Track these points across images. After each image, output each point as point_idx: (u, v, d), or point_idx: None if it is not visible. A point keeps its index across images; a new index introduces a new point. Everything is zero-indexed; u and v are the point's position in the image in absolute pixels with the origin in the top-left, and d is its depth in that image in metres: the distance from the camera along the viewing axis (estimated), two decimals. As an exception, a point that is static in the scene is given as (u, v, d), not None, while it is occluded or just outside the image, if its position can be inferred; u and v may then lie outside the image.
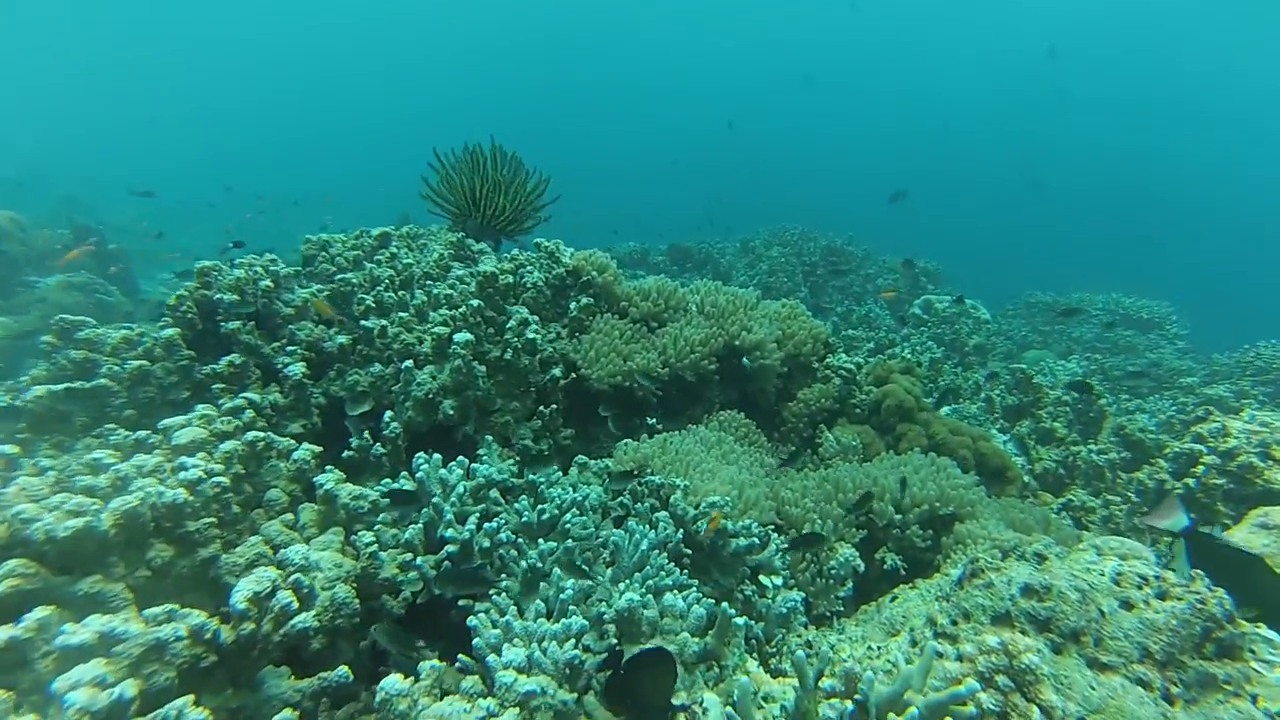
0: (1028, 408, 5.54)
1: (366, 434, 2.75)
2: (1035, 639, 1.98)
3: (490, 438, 2.82)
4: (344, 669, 1.46)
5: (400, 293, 3.48)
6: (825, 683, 1.88)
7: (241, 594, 1.36)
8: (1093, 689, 1.85)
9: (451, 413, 2.90)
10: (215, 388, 2.78)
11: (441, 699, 1.39)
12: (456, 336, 2.90)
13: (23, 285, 7.61)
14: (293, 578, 1.55)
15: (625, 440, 3.47)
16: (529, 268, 3.91)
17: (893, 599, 2.62)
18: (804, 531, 3.15)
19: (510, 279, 3.25)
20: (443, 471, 2.48)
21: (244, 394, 2.76)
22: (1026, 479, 4.25)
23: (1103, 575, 2.13)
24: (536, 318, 3.66)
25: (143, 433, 2.13)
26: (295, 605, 1.43)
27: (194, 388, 2.87)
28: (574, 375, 3.56)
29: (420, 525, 2.31)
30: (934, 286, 11.79)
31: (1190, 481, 3.74)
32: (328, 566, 1.79)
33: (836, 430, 3.96)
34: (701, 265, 12.61)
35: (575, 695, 1.77)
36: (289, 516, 1.97)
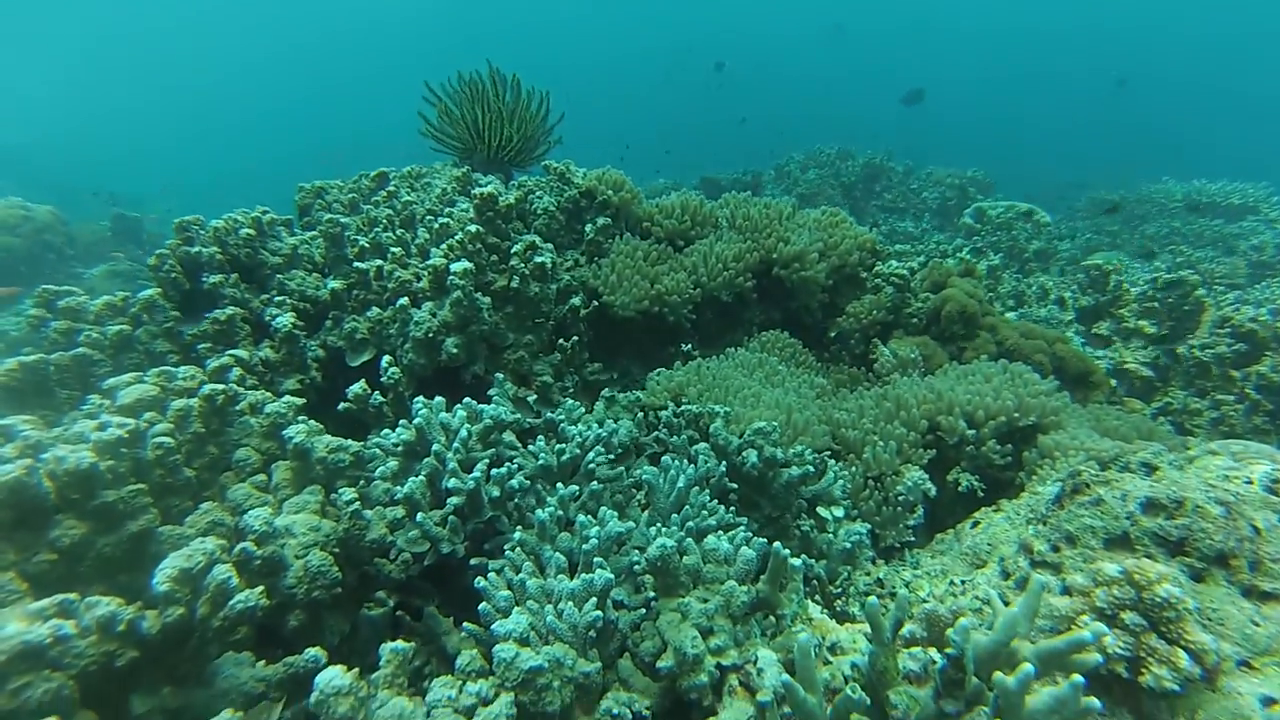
0: (1105, 308, 4.99)
1: (363, 382, 2.47)
2: (1169, 565, 1.60)
3: (502, 376, 2.51)
4: (315, 651, 1.20)
5: (400, 231, 3.15)
6: (905, 628, 1.55)
7: (165, 573, 1.09)
8: (1256, 624, 1.47)
9: (456, 351, 2.59)
10: (201, 348, 2.53)
11: (419, 686, 1.11)
12: (453, 266, 2.58)
13: (70, 277, 7.66)
14: (241, 548, 1.28)
15: (659, 369, 3.13)
16: (539, 193, 3.55)
17: (974, 524, 2.26)
18: (864, 455, 2.79)
19: (512, 200, 2.89)
20: (444, 415, 2.18)
21: (231, 351, 2.50)
22: (1113, 384, 3.79)
23: (1249, 483, 1.72)
24: (550, 245, 3.31)
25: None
26: (234, 582, 1.16)
27: (182, 350, 2.63)
28: (596, 304, 3.22)
29: (422, 478, 2.02)
30: (983, 196, 11.00)
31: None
32: (301, 531, 1.52)
33: (893, 343, 3.54)
34: (736, 195, 12.02)
35: (599, 664, 1.47)
36: (261, 478, 1.70)
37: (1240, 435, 3.53)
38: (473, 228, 2.69)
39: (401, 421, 2.19)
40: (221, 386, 1.76)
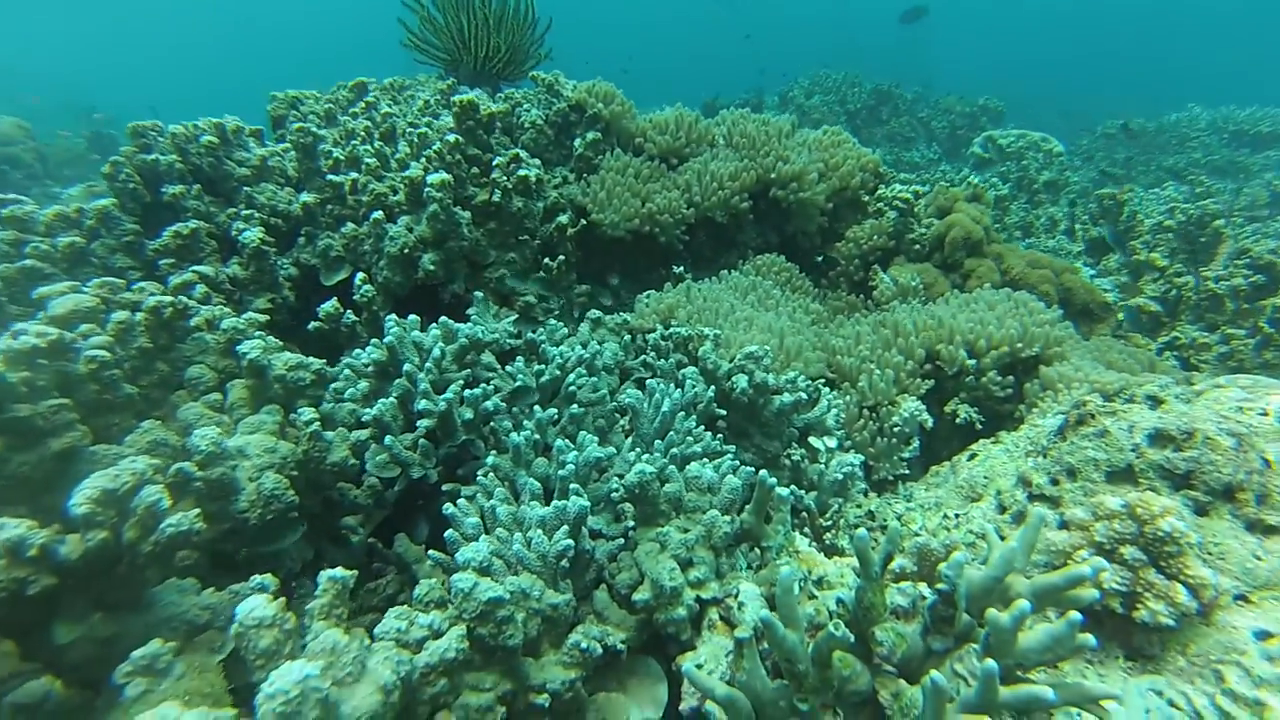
0: (1122, 238, 4.82)
1: (335, 300, 2.34)
2: (1172, 499, 1.52)
3: (482, 295, 2.38)
4: (263, 578, 1.11)
5: (378, 144, 2.96)
6: (894, 562, 1.47)
7: (84, 494, 0.99)
8: (1258, 559, 1.39)
9: (433, 268, 2.46)
10: (163, 264, 2.39)
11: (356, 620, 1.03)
12: (430, 177, 2.41)
13: (44, 197, 7.33)
14: (178, 468, 1.18)
15: (648, 291, 3.00)
16: (526, 105, 3.34)
17: (971, 456, 2.17)
18: (859, 384, 2.70)
19: (494, 109, 2.69)
20: (417, 334, 2.06)
21: (195, 267, 2.36)
22: (1121, 317, 3.67)
23: (1264, 415, 1.62)
24: (537, 160, 3.13)
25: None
26: (165, 504, 1.06)
27: (144, 266, 2.48)
28: (584, 223, 3.06)
29: (393, 399, 1.92)
30: (993, 125, 10.61)
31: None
32: (256, 452, 1.42)
33: (893, 270, 3.40)
34: (738, 120, 11.59)
35: (570, 596, 1.40)
36: (216, 397, 1.60)
37: (1249, 370, 3.44)
38: (451, 137, 2.51)
39: (373, 340, 2.08)
40: (170, 299, 1.64)
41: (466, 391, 1.93)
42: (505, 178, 2.58)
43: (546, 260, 2.83)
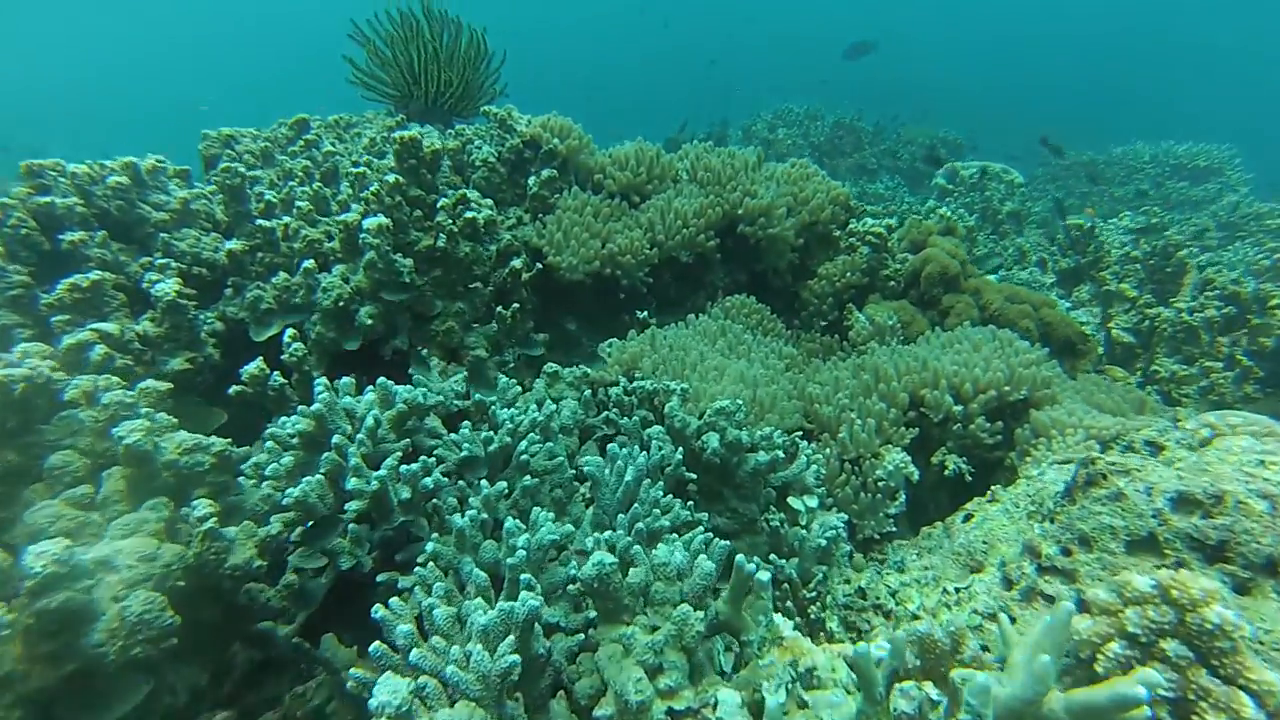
0: (1087, 269, 4.76)
1: (261, 361, 2.09)
2: (1209, 575, 1.33)
3: (426, 351, 2.15)
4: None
5: (316, 185, 2.73)
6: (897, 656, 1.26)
7: None
8: (1320, 651, 1.20)
9: (371, 322, 2.22)
10: (54, 320, 2.11)
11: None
12: (366, 222, 2.19)
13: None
14: None
15: (610, 340, 2.79)
16: (478, 142, 3.14)
17: (966, 517, 1.98)
18: (839, 435, 2.50)
19: (439, 146, 2.48)
20: (347, 400, 1.82)
21: (94, 325, 2.09)
22: (1100, 350, 3.55)
23: (1298, 471, 1.45)
24: (489, 200, 2.92)
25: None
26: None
27: (38, 323, 2.21)
28: (540, 266, 2.86)
29: (319, 476, 1.67)
30: (955, 157, 10.73)
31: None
32: (127, 563, 1.16)
33: (869, 309, 3.25)
34: (702, 156, 11.57)
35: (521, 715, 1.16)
36: (85, 489, 1.34)
37: (1230, 404, 3.33)
38: (391, 177, 2.29)
39: (300, 408, 1.83)
40: (22, 371, 1.38)
41: (405, 466, 1.69)
42: (451, 221, 2.37)
43: (500, 309, 2.61)
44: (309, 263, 2.24)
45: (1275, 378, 3.28)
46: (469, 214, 2.39)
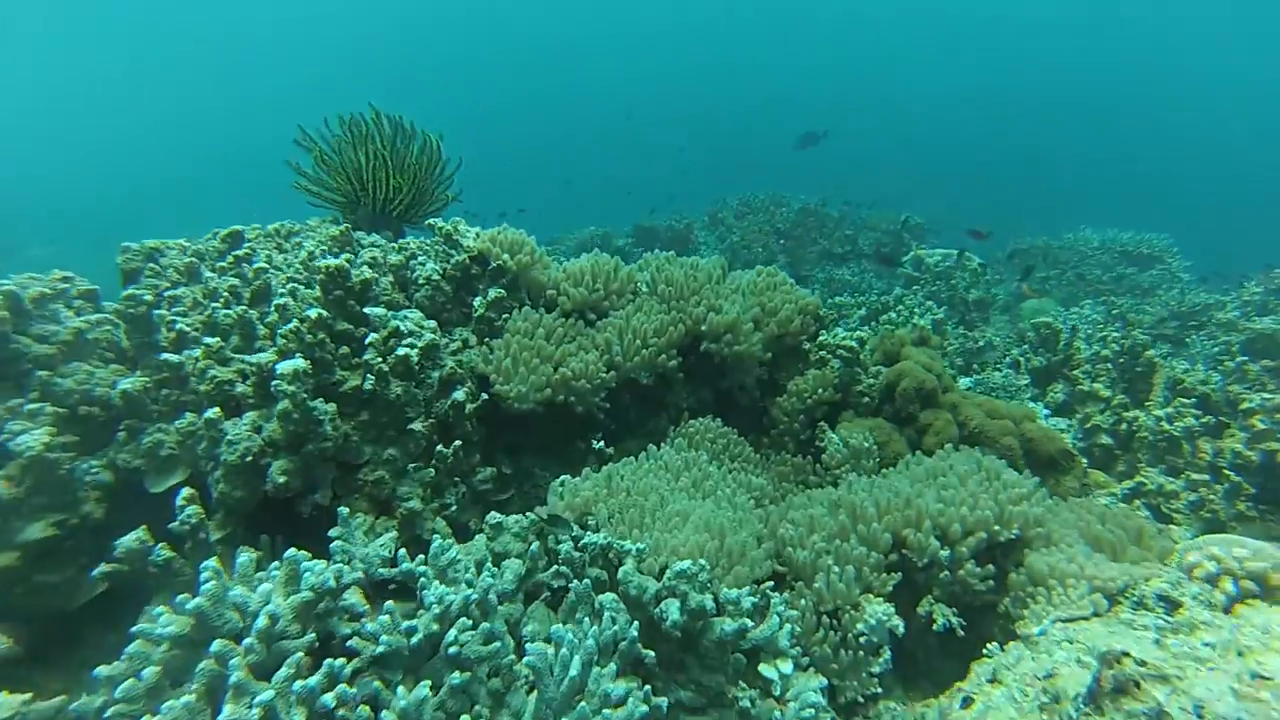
0: (1058, 368, 4.66)
1: (144, 529, 1.79)
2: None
3: (347, 511, 1.87)
4: None
5: (239, 309, 2.49)
6: None
7: None
8: None
9: (284, 479, 1.95)
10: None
11: None
12: (280, 366, 1.95)
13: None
14: None
15: (563, 478, 2.54)
16: (421, 257, 2.96)
17: (965, 702, 1.72)
18: (815, 585, 2.25)
19: (367, 276, 2.26)
20: (236, 592, 1.53)
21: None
22: (1084, 463, 3.38)
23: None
24: (433, 323, 2.71)
25: None
26: None
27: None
28: (487, 396, 2.62)
29: (189, 698, 1.37)
30: (918, 242, 10.92)
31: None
32: None
33: (842, 428, 3.05)
34: (669, 247, 11.61)
35: None
36: None
37: (1224, 522, 3.16)
38: (314, 312, 2.06)
39: (179, 599, 1.54)
40: None
41: (298, 684, 1.39)
42: (381, 359, 2.14)
43: (440, 447, 2.36)
44: (211, 412, 1.98)
45: (1267, 493, 3.13)
46: (402, 350, 2.16)
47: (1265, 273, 7.33)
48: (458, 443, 2.40)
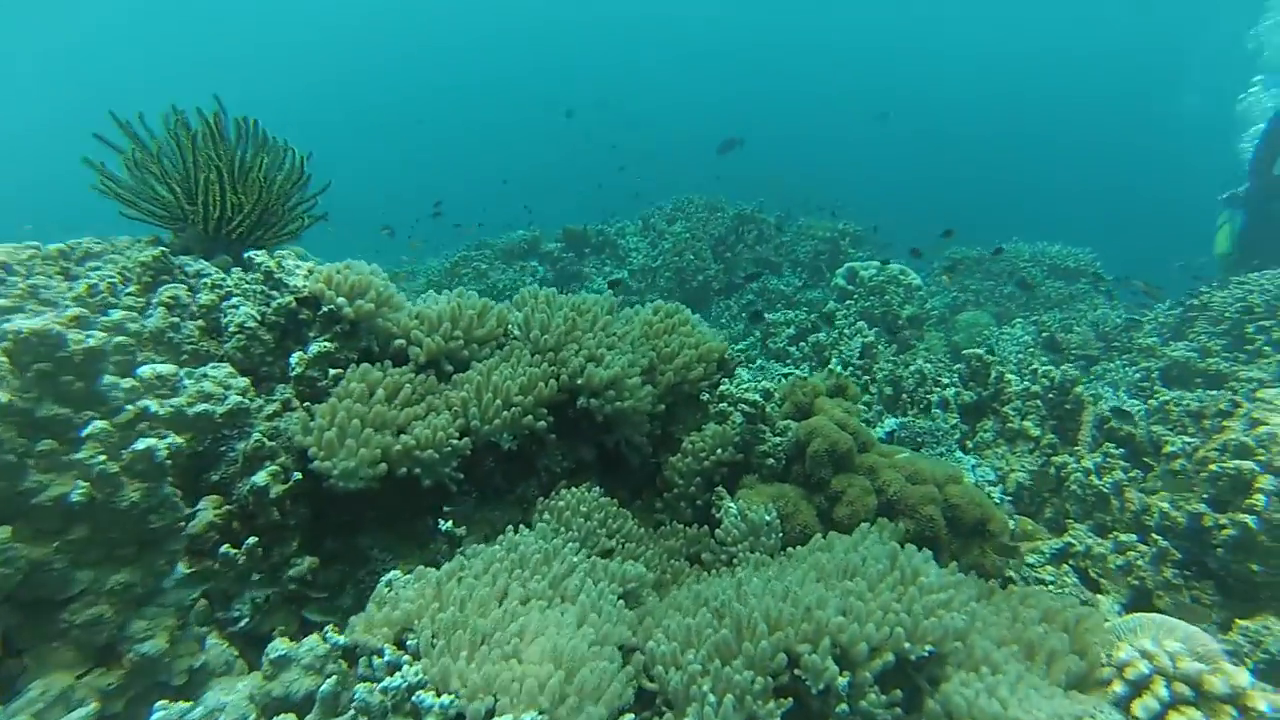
0: (988, 404, 4.39)
1: None
2: None
3: (37, 686, 1.36)
4: None
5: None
6: None
7: None
8: None
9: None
10: None
11: None
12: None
13: None
14: None
15: (390, 575, 2.07)
16: (236, 299, 2.44)
17: None
18: (686, 716, 1.84)
19: (91, 345, 1.73)
20: None
21: None
22: (1011, 526, 3.08)
23: None
24: (244, 382, 2.21)
25: None
26: None
27: None
28: (300, 476, 2.13)
29: None
30: (854, 250, 10.71)
31: (1249, 520, 2.61)
32: None
33: (742, 495, 2.66)
34: (600, 250, 11.17)
35: None
36: None
37: (1151, 590, 2.88)
38: (2, 397, 1.54)
39: None
40: None
41: None
42: (105, 459, 1.61)
43: (227, 547, 1.86)
44: None
45: (1191, 559, 2.87)
46: (141, 445, 1.65)
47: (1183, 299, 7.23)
48: (253, 539, 1.91)
